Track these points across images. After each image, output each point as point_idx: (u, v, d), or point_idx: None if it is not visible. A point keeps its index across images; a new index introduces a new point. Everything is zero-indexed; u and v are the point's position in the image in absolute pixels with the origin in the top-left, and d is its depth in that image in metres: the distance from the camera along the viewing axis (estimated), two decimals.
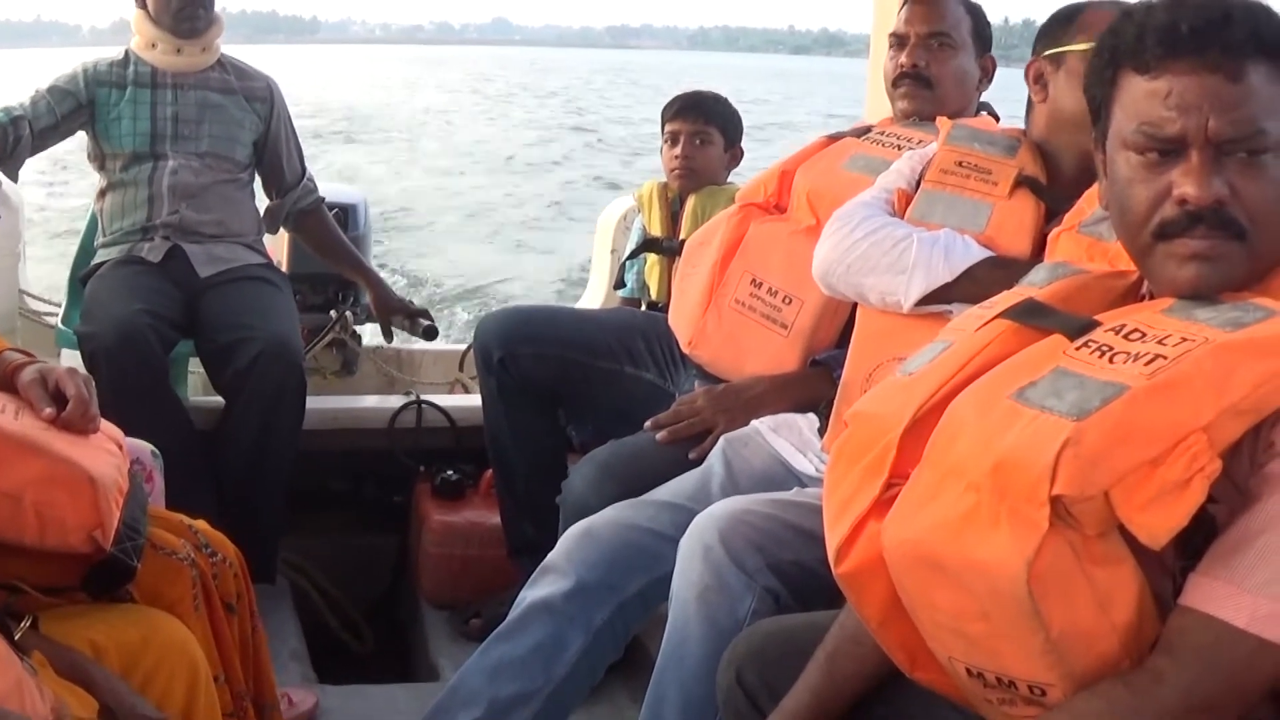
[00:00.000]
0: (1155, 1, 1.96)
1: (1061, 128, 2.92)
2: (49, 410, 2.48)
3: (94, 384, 2.62)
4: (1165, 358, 1.76)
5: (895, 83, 3.64)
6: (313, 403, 4.51)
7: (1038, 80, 3.02)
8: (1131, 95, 1.96)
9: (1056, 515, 1.70)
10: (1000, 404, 1.84)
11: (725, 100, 4.75)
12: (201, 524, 2.83)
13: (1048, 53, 2.99)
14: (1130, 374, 1.76)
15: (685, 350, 3.69)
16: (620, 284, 4.90)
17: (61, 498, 2.32)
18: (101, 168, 4.72)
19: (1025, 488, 1.72)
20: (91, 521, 2.34)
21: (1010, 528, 1.73)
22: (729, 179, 4.63)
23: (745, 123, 4.71)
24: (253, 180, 4.93)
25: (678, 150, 4.53)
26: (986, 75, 3.66)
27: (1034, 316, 2.02)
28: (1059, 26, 2.98)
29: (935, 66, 3.60)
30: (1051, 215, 2.83)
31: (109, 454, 2.54)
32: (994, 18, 3.85)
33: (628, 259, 4.78)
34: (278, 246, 5.48)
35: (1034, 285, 2.16)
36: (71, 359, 4.36)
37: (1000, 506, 1.75)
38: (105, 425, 2.64)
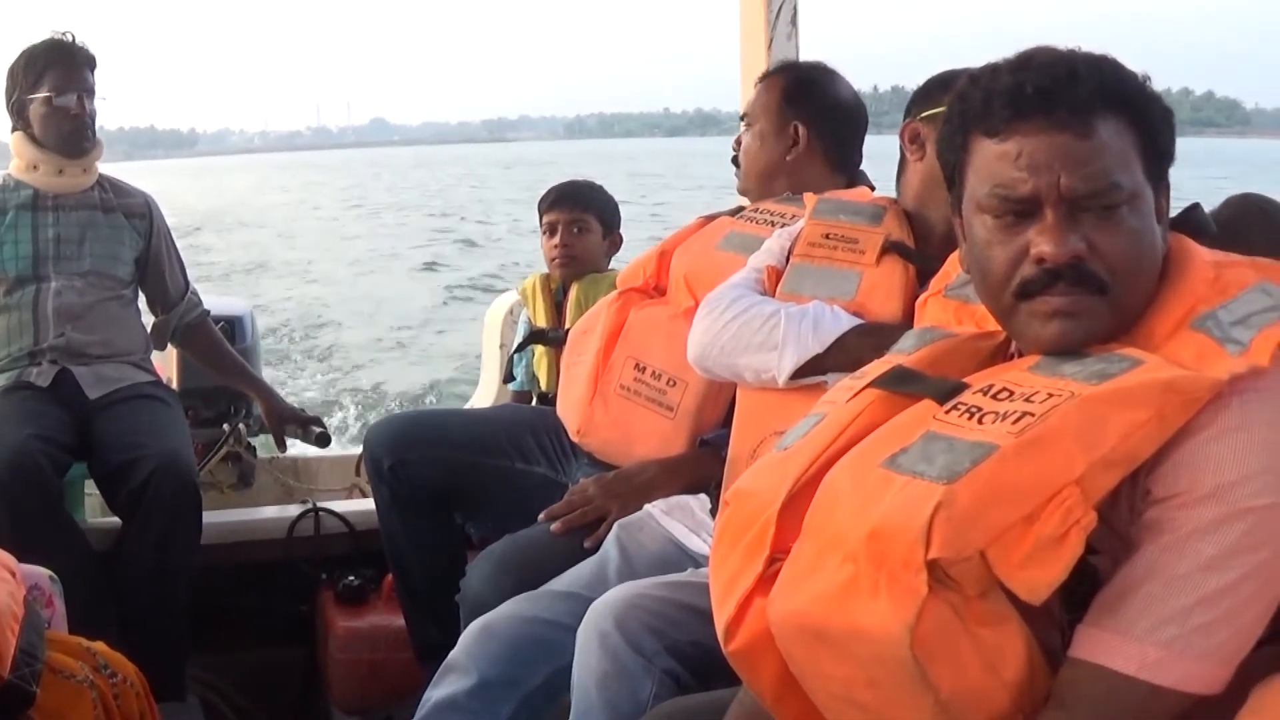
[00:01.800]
0: (1000, 64, 1.99)
1: (937, 185, 2.95)
2: None
3: None
4: (1033, 414, 1.78)
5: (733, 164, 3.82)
6: (210, 517, 4.46)
7: (914, 140, 3.10)
8: (983, 159, 1.98)
9: (935, 579, 1.71)
10: (873, 473, 1.85)
11: (600, 188, 4.80)
12: (99, 645, 2.80)
13: (924, 114, 3.06)
14: (999, 433, 1.78)
15: (574, 439, 3.71)
16: (510, 378, 4.90)
17: None
18: None
19: (901, 554, 1.73)
20: None
21: (890, 595, 1.74)
22: (610, 265, 4.67)
23: (630, 199, 4.76)
24: (136, 297, 4.88)
25: (556, 239, 4.57)
26: (796, 143, 3.64)
27: (903, 383, 2.04)
28: (937, 90, 3.03)
29: (742, 148, 3.76)
30: (924, 278, 2.86)
31: (1, 582, 2.52)
32: (863, 85, 3.90)
33: (515, 352, 4.78)
34: (167, 363, 5.44)
35: (903, 352, 2.18)
36: None
37: (879, 574, 1.76)
38: None
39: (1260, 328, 1.83)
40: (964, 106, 2.02)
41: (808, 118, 3.65)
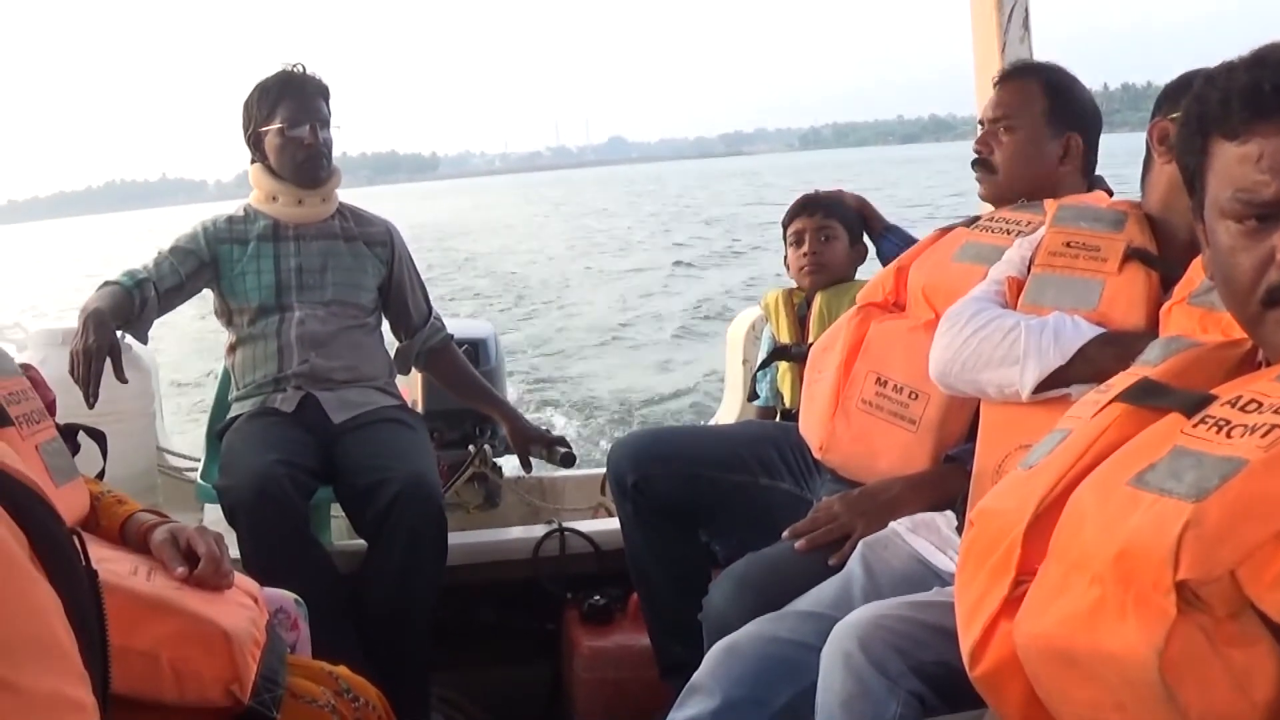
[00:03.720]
0: (1235, 62, 1.94)
1: (1183, 189, 2.90)
2: (181, 569, 2.52)
3: (224, 540, 2.66)
4: None
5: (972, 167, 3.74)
6: (457, 538, 4.51)
7: (1162, 140, 3.01)
8: (1223, 162, 1.94)
9: (1184, 600, 1.66)
10: (1119, 491, 1.81)
11: (845, 197, 4.77)
12: (342, 669, 2.84)
13: (1176, 114, 3.00)
14: (1248, 447, 1.72)
15: (817, 456, 3.70)
16: (754, 395, 4.88)
17: (197, 654, 2.34)
18: (229, 323, 4.79)
19: (1149, 575, 1.68)
20: (228, 676, 2.37)
21: (1138, 617, 1.69)
22: (855, 275, 4.63)
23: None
24: (380, 324, 4.97)
25: (804, 248, 4.55)
26: (1068, 153, 3.62)
27: (1149, 397, 1.99)
28: (1185, 89, 2.97)
29: (997, 151, 3.69)
30: (1169, 285, 2.80)
31: (243, 608, 2.57)
32: (1094, 83, 3.83)
33: (759, 369, 4.77)
34: (411, 386, 5.55)
35: (1148, 364, 2.13)
36: (213, 513, 4.44)
37: (1126, 596, 1.71)
38: (240, 579, 2.67)
39: None
40: (1201, 108, 1.98)
41: (1079, 126, 3.65)
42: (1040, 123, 3.64)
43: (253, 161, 4.84)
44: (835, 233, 4.57)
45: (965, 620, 2.03)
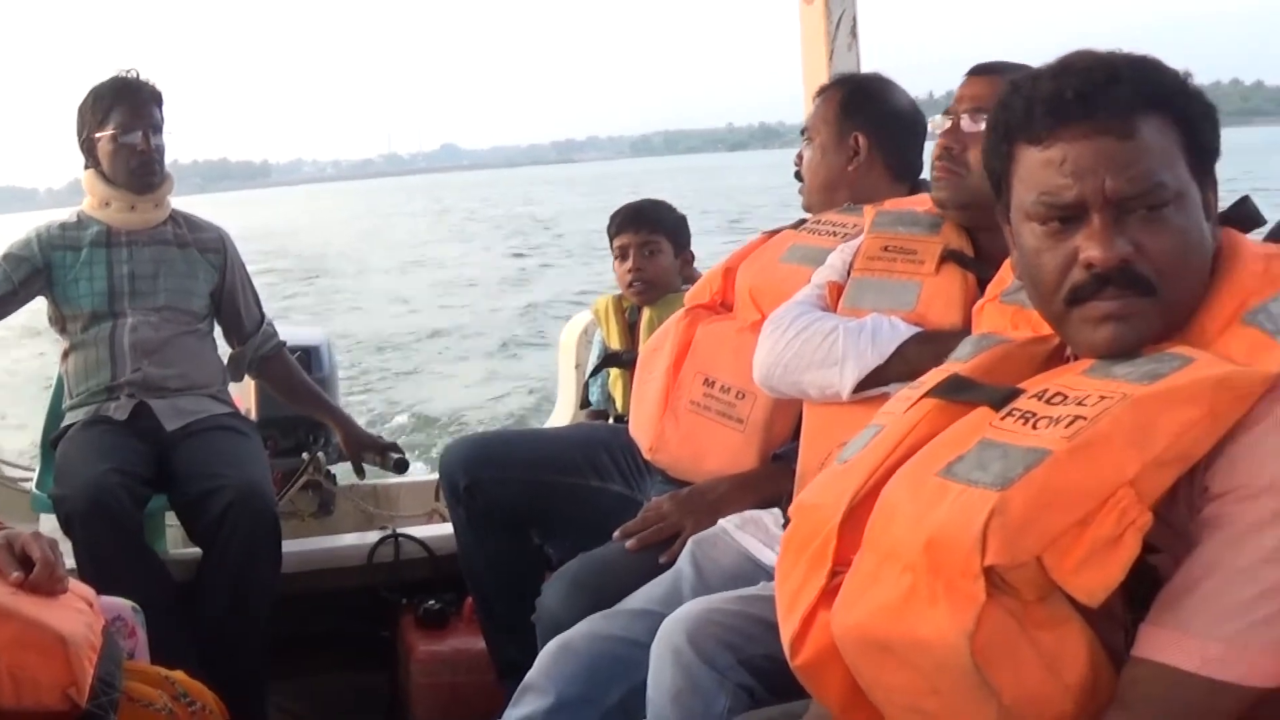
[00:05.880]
0: (1041, 70, 2.00)
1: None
2: (16, 575, 2.52)
3: (59, 546, 2.66)
4: (1085, 418, 1.78)
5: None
6: (291, 545, 4.50)
7: None
8: (1027, 166, 1.99)
9: (993, 585, 1.72)
10: (929, 482, 1.87)
11: (668, 205, 4.78)
12: (179, 674, 2.84)
13: None
14: (1052, 438, 1.78)
15: (647, 456, 3.72)
16: (586, 403, 4.91)
17: (34, 659, 2.35)
18: (63, 330, 4.73)
19: (958, 562, 1.74)
20: (65, 680, 2.37)
21: (948, 603, 1.75)
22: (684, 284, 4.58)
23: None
24: (212, 330, 4.94)
25: (629, 264, 4.55)
26: (857, 154, 3.65)
27: (958, 391, 2.05)
28: None
29: (804, 162, 3.78)
30: (985, 285, 2.79)
31: (79, 613, 2.57)
32: (920, 91, 3.89)
33: (590, 376, 4.81)
34: (245, 394, 5.50)
35: (959, 360, 2.20)
36: (49, 523, 4.38)
37: (936, 583, 1.77)
38: (76, 585, 2.67)
39: None
40: (1006, 115, 2.03)
41: (867, 127, 3.66)
42: (832, 130, 3.68)
43: (86, 167, 4.78)
44: (659, 247, 4.57)
45: (785, 612, 2.08)
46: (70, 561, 3.15)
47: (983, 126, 3.53)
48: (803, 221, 3.69)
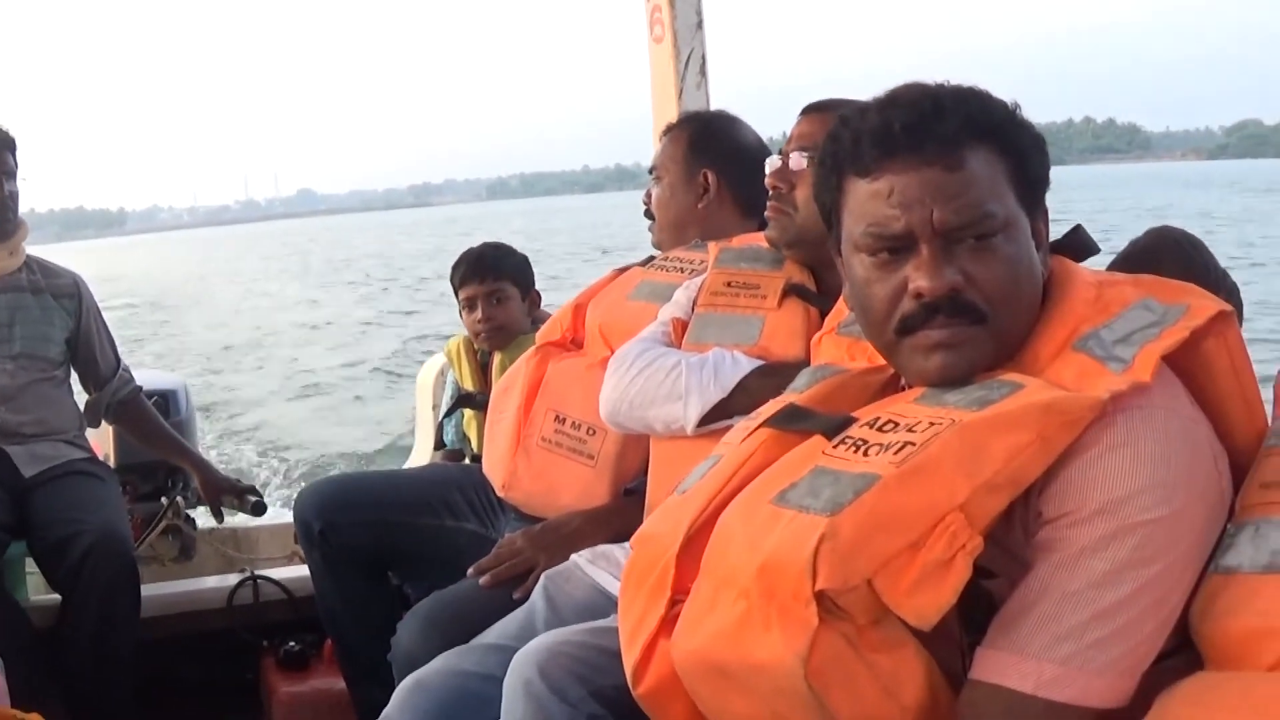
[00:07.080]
0: (869, 104, 2.03)
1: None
2: None
3: None
4: (914, 444, 1.81)
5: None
6: (151, 589, 4.50)
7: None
8: (856, 199, 2.02)
9: (825, 609, 1.74)
10: (763, 509, 1.88)
11: (509, 248, 4.79)
12: (34, 717, 2.82)
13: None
14: (881, 464, 1.80)
15: (500, 494, 3.74)
16: (440, 444, 4.93)
17: None
18: None
19: (789, 587, 1.76)
20: None
21: (781, 628, 1.77)
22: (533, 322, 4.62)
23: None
24: (69, 376, 4.89)
25: (478, 315, 4.57)
26: (707, 191, 3.70)
27: (793, 421, 2.08)
28: None
29: (653, 200, 3.84)
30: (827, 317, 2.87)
31: None
32: (772, 128, 3.95)
33: (444, 417, 4.82)
34: (103, 439, 5.47)
35: (796, 391, 2.23)
36: None
37: (770, 608, 1.79)
38: None
39: (1142, 344, 1.87)
40: (835, 147, 2.06)
41: (716, 164, 3.71)
42: (680, 168, 3.74)
43: None
44: (505, 293, 4.59)
45: (627, 641, 2.11)
46: None
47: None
48: (651, 259, 3.73)
